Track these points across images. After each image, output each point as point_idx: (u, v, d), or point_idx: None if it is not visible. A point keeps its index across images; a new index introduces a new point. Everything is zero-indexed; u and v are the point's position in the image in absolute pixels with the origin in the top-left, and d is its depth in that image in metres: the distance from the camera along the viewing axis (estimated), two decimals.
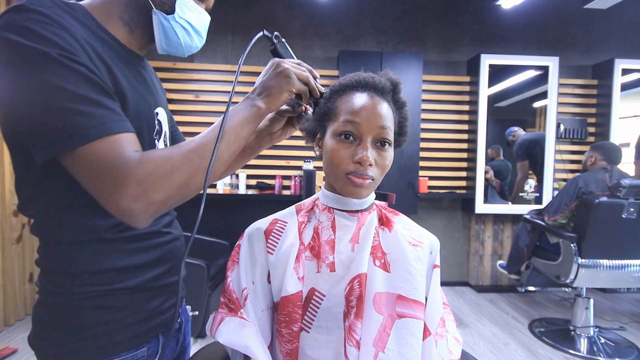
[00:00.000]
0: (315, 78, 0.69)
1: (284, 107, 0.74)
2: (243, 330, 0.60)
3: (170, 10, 0.62)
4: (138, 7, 0.62)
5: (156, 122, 0.68)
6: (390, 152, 0.65)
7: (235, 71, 3.10)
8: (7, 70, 0.49)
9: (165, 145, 0.72)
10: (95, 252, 0.59)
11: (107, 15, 0.61)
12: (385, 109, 0.64)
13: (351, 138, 0.62)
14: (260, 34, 0.67)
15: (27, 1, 0.49)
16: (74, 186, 0.54)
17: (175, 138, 0.81)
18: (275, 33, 0.70)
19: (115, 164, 0.49)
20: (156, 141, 0.68)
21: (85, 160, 0.49)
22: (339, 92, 0.67)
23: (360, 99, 0.63)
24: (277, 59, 0.66)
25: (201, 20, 0.67)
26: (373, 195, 0.70)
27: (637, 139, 2.50)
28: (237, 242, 0.70)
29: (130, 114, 0.57)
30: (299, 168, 3.20)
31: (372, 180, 0.63)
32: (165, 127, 0.72)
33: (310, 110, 0.73)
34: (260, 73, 0.68)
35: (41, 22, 0.48)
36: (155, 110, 0.68)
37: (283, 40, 0.72)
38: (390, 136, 0.64)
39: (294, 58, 0.71)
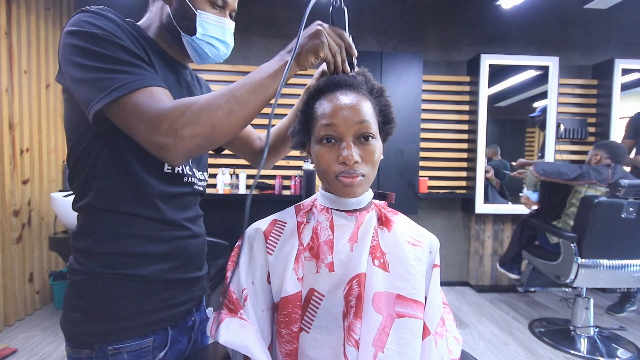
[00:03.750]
0: (352, 55, 0.68)
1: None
2: (243, 331, 0.60)
3: (193, 31, 0.71)
4: (170, 31, 0.72)
5: None
6: (376, 145, 0.63)
7: (234, 71, 3.07)
8: (69, 53, 0.60)
9: None
10: (114, 234, 0.65)
11: (153, 33, 0.73)
12: (360, 103, 0.62)
13: (332, 140, 0.62)
14: None
15: (90, 7, 0.63)
16: (106, 157, 0.64)
17: None
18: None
19: (154, 107, 0.57)
20: None
21: (128, 106, 0.57)
22: (314, 98, 0.67)
23: (333, 99, 0.63)
24: (319, 23, 0.66)
25: (224, 30, 0.74)
26: (371, 193, 0.70)
27: (628, 120, 2.43)
28: (237, 243, 0.70)
29: None
30: (299, 168, 3.20)
31: (363, 176, 0.62)
32: None
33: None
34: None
35: (96, 18, 0.61)
36: None
37: (344, 8, 0.69)
38: (372, 129, 0.62)
39: (344, 29, 0.69)
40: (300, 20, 0.63)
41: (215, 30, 0.72)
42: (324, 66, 0.75)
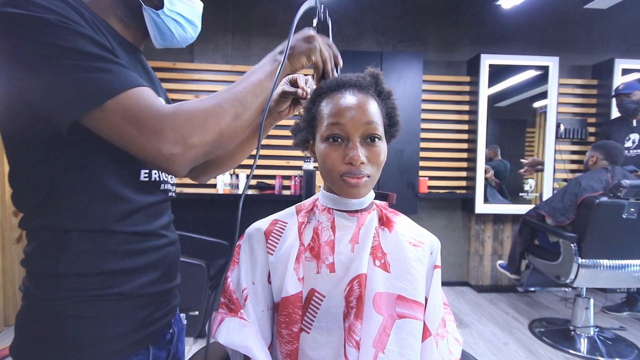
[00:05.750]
0: (337, 65, 0.70)
1: (288, 88, 0.75)
2: (243, 331, 0.60)
3: (159, 4, 0.62)
4: (128, 4, 0.62)
5: None
6: (382, 147, 0.63)
7: (234, 71, 3.07)
8: (10, 42, 0.47)
9: None
10: (85, 252, 0.56)
11: (102, 9, 0.61)
12: (368, 104, 0.62)
13: (339, 140, 0.62)
14: (312, 2, 0.68)
15: None
16: (72, 171, 0.55)
17: None
18: (324, 8, 0.71)
19: (150, 112, 0.50)
20: None
21: (116, 113, 0.49)
22: (321, 96, 0.66)
23: (341, 99, 0.63)
24: (311, 30, 0.67)
25: (193, 10, 0.67)
26: (372, 194, 0.70)
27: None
28: (237, 243, 0.70)
29: None
30: (299, 168, 3.19)
31: (369, 177, 0.62)
32: None
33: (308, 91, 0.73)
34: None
35: None
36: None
37: (329, 20, 0.73)
38: (379, 130, 0.63)
39: (329, 38, 0.72)
40: (299, 22, 0.63)
41: (184, 8, 0.65)
42: (284, 87, 0.75)
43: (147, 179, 0.63)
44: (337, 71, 0.71)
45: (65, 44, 0.47)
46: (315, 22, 0.72)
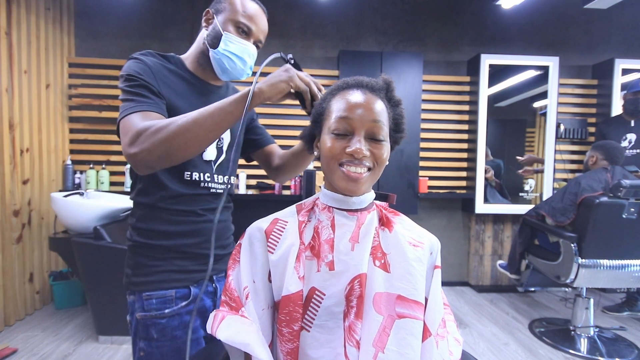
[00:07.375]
0: (319, 89, 0.82)
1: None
2: (244, 329, 0.60)
3: (216, 45, 0.88)
4: (204, 51, 0.91)
5: None
6: (385, 146, 0.65)
7: None
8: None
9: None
10: (147, 217, 0.89)
11: (192, 61, 0.94)
12: (377, 103, 0.65)
13: (345, 134, 0.64)
14: (277, 55, 0.83)
15: (138, 53, 0.86)
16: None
17: (262, 142, 1.14)
18: (290, 56, 0.86)
19: (131, 127, 0.75)
20: (223, 148, 0.98)
21: (123, 125, 0.77)
22: (333, 93, 0.69)
23: (351, 96, 0.65)
24: (286, 65, 0.81)
25: (244, 50, 0.89)
26: (372, 194, 0.71)
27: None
28: (239, 242, 0.70)
29: None
30: None
31: (369, 171, 0.64)
32: (227, 138, 0.98)
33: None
34: (267, 74, 0.79)
35: (136, 62, 0.84)
36: None
37: (298, 63, 0.87)
38: (384, 131, 0.65)
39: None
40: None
41: (235, 47, 0.88)
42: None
43: (188, 179, 0.90)
44: (321, 94, 0.79)
45: (127, 87, 0.81)
46: (288, 59, 0.85)
